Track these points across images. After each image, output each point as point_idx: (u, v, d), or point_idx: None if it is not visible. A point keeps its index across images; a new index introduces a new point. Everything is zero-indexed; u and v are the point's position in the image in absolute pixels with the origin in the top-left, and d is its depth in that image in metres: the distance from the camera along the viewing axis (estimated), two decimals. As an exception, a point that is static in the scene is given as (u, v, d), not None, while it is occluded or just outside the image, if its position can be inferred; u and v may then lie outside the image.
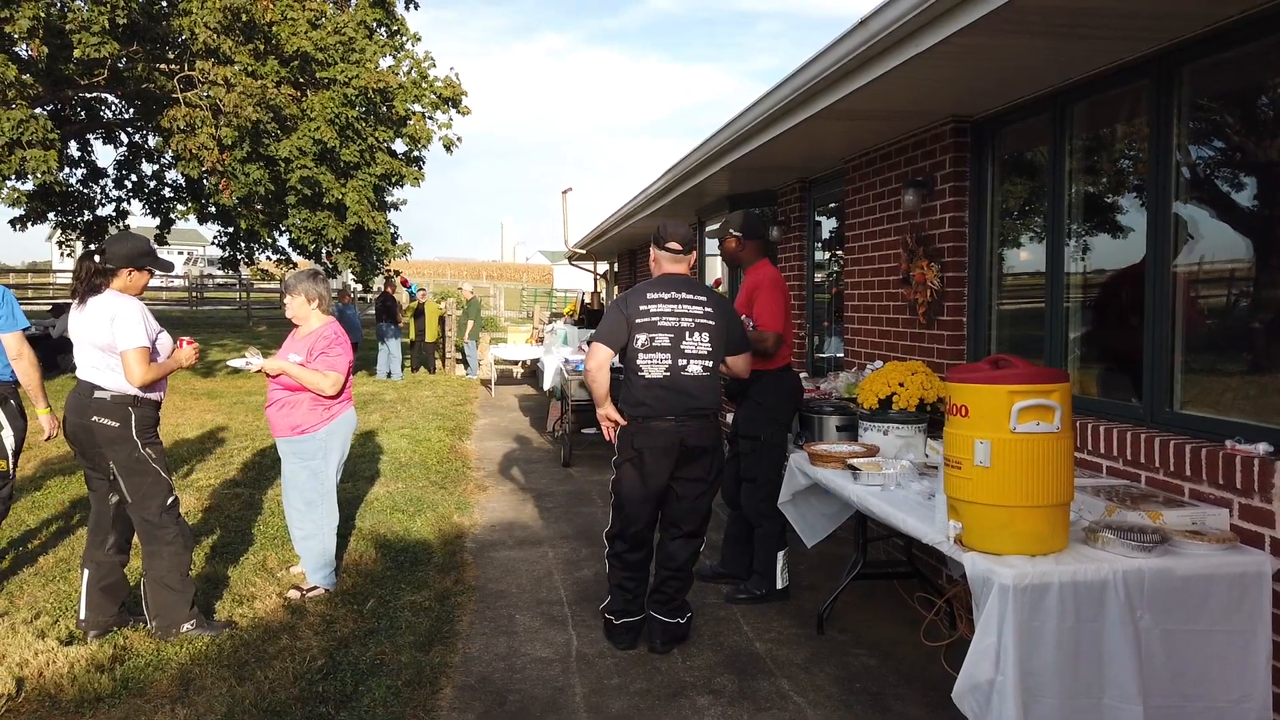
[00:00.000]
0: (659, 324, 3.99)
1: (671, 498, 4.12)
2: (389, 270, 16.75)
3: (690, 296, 4.06)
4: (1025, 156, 4.89)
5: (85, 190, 14.92)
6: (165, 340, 4.19)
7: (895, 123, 5.32)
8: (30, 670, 3.70)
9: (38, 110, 10.46)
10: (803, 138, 5.69)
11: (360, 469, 7.75)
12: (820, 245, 7.63)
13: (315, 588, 4.70)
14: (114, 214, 15.35)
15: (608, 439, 4.23)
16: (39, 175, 10.24)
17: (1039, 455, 2.85)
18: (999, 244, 4.98)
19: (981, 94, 4.60)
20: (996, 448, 2.87)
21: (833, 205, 7.33)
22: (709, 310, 4.07)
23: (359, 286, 17.92)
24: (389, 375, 16.24)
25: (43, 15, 9.73)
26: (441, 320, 18.50)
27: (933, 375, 4.40)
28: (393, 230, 14.34)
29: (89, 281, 4.01)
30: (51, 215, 14.37)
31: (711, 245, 10.54)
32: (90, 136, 14.84)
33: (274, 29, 11.50)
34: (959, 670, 2.88)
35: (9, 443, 4.79)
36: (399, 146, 14.35)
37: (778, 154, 6.32)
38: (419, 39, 14.25)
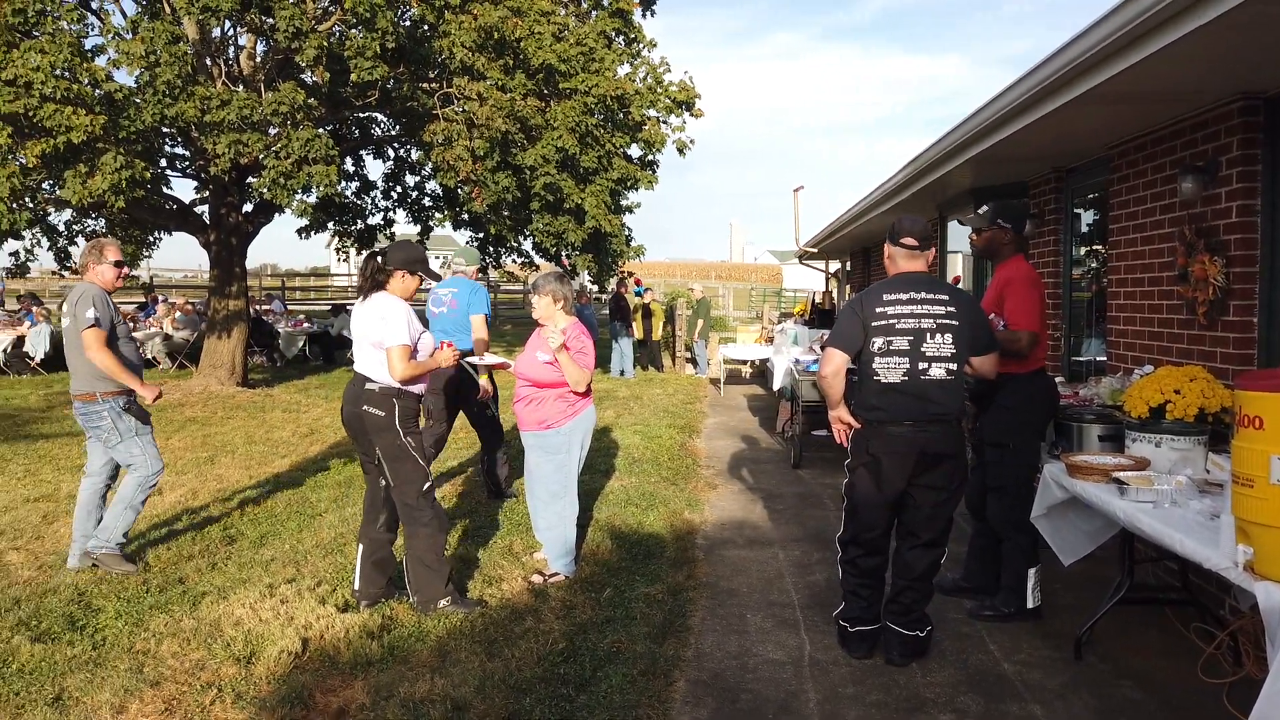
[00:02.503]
0: (897, 326, 3.84)
1: (909, 505, 3.96)
2: (622, 271, 17.27)
3: (931, 295, 3.87)
4: (1334, 134, 4.28)
5: (358, 201, 16.47)
6: (427, 340, 4.54)
7: (1170, 103, 4.82)
8: (313, 633, 4.13)
9: (320, 130, 11.68)
10: (1059, 125, 5.29)
11: (596, 463, 8.03)
12: (1077, 239, 7.07)
13: (556, 574, 4.92)
14: (381, 223, 16.86)
15: (839, 442, 4.13)
16: (322, 188, 11.42)
17: (1355, 476, 2.48)
18: (1299, 235, 4.39)
19: (1277, 67, 4.07)
20: (1300, 466, 2.53)
21: (1092, 196, 6.77)
22: (952, 309, 3.86)
23: (594, 287, 18.60)
24: (621, 373, 16.77)
25: (325, 44, 10.86)
26: (667, 319, 18.86)
27: (1215, 382, 3.95)
28: (627, 233, 14.76)
29: (372, 279, 4.44)
30: (330, 224, 15.97)
31: (953, 241, 10.05)
32: (363, 152, 16.39)
33: (522, 44, 12.18)
34: (1246, 713, 2.56)
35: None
36: (634, 151, 14.76)
37: (1030, 143, 5.92)
38: (654, 45, 14.58)
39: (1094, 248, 6.84)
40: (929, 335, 3.82)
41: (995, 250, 4.62)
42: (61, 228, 14.56)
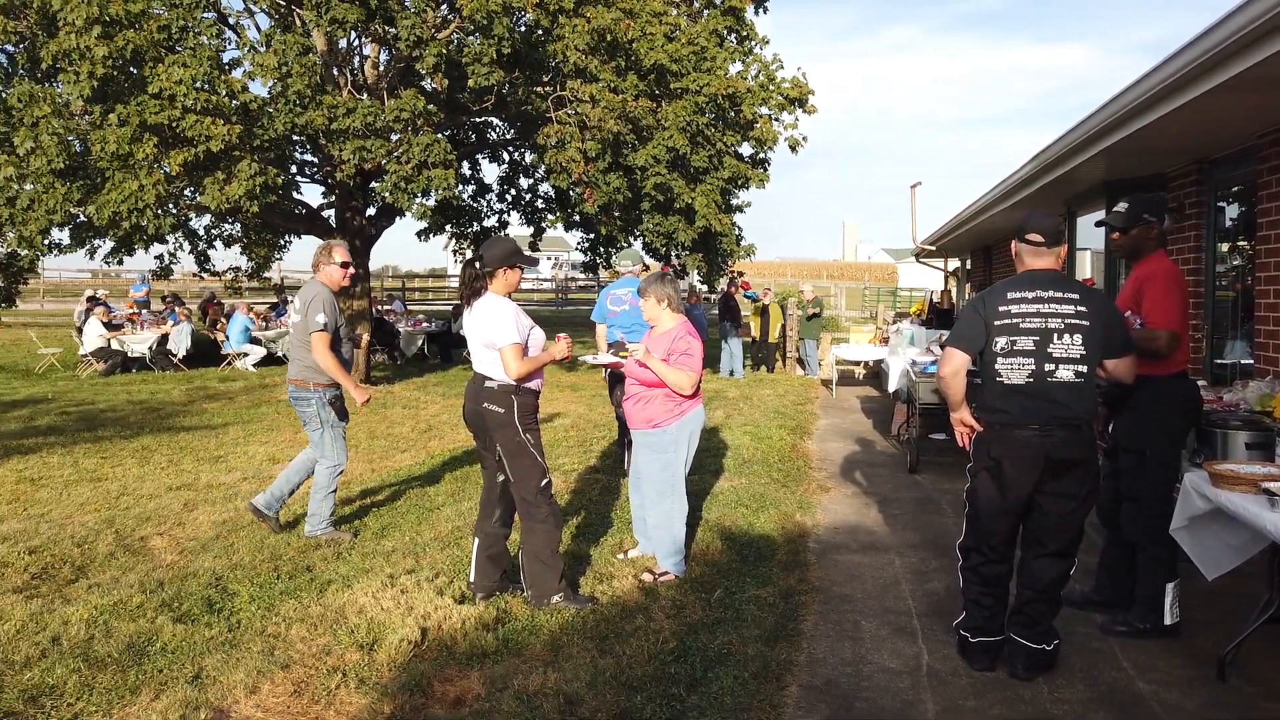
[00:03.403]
0: (1021, 325, 3.69)
1: (1036, 512, 3.79)
2: (732, 271, 17.18)
3: (1059, 294, 3.70)
4: None
5: (474, 204, 16.92)
6: (538, 336, 4.60)
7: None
8: (432, 623, 4.24)
9: (439, 135, 12.03)
10: (1202, 113, 4.99)
11: (706, 463, 8.00)
12: (1221, 235, 6.65)
13: (666, 573, 4.92)
14: (496, 225, 17.25)
15: (961, 446, 4.00)
16: (440, 192, 11.77)
17: None
18: None
19: None
20: None
21: (1237, 188, 6.36)
22: (1082, 309, 3.68)
23: (704, 287, 18.57)
24: (731, 373, 16.68)
25: (444, 52, 11.19)
26: (783, 321, 18.68)
27: (1380, 387, 3.64)
28: (737, 232, 14.68)
29: (472, 285, 4.52)
30: (448, 227, 16.44)
31: (1082, 238, 9.60)
32: (479, 156, 16.82)
33: (634, 45, 12.27)
34: None
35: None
36: (745, 149, 14.67)
37: (1169, 134, 5.60)
38: (767, 42, 14.43)
39: (1239, 243, 6.42)
40: (1056, 335, 3.66)
41: (1139, 248, 4.33)
42: (201, 232, 15.45)
